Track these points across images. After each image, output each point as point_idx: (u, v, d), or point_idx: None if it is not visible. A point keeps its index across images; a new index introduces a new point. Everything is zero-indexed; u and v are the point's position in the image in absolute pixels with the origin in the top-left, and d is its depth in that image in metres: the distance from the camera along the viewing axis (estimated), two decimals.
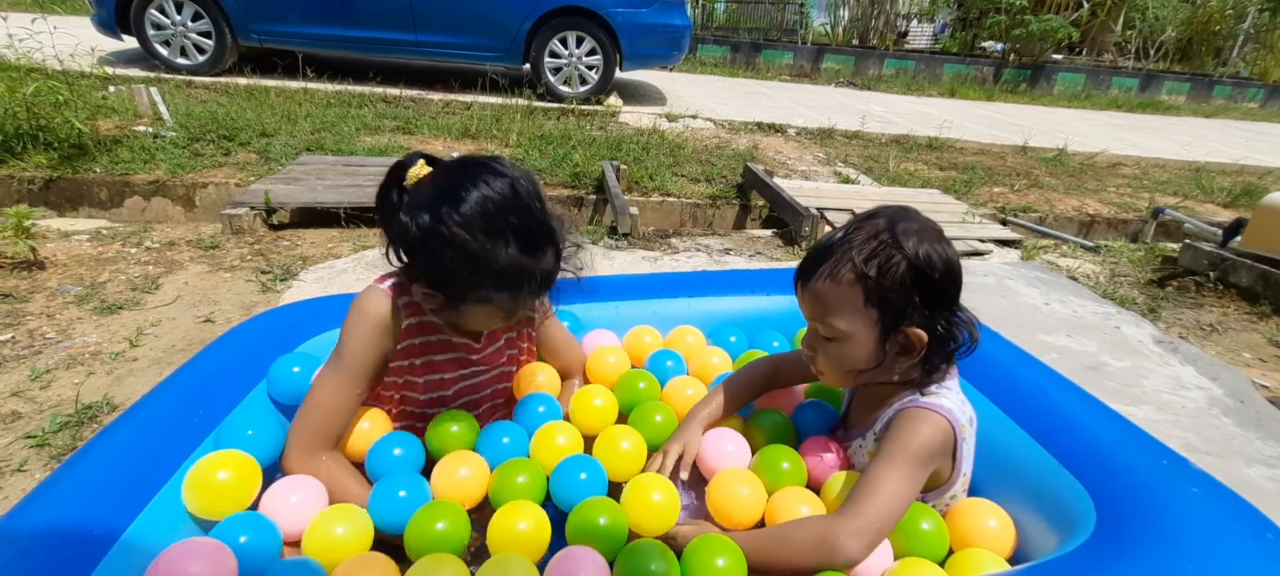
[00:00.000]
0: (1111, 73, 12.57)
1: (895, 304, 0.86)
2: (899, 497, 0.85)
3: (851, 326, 0.89)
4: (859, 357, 0.91)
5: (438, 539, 0.86)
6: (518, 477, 0.97)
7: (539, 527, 0.88)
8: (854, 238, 0.88)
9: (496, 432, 1.07)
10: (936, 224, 0.89)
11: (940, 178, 5.01)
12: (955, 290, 0.89)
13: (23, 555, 0.73)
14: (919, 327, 0.87)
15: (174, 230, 3.03)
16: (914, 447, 0.87)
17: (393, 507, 0.92)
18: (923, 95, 10.28)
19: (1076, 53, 14.03)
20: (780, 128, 6.22)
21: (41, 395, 1.80)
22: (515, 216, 0.88)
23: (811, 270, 0.92)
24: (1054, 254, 3.67)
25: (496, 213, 0.86)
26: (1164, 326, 2.78)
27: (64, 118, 3.32)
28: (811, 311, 0.93)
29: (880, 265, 0.85)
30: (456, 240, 0.85)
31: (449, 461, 0.99)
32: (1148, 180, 5.57)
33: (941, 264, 0.86)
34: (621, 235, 3.30)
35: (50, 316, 2.18)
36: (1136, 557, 0.75)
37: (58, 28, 4.03)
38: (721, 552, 0.81)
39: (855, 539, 0.81)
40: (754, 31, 12.72)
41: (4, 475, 1.52)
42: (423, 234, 0.86)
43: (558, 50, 5.94)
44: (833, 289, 0.88)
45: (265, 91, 5.00)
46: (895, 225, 0.87)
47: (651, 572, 0.79)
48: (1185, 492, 0.84)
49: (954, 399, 0.93)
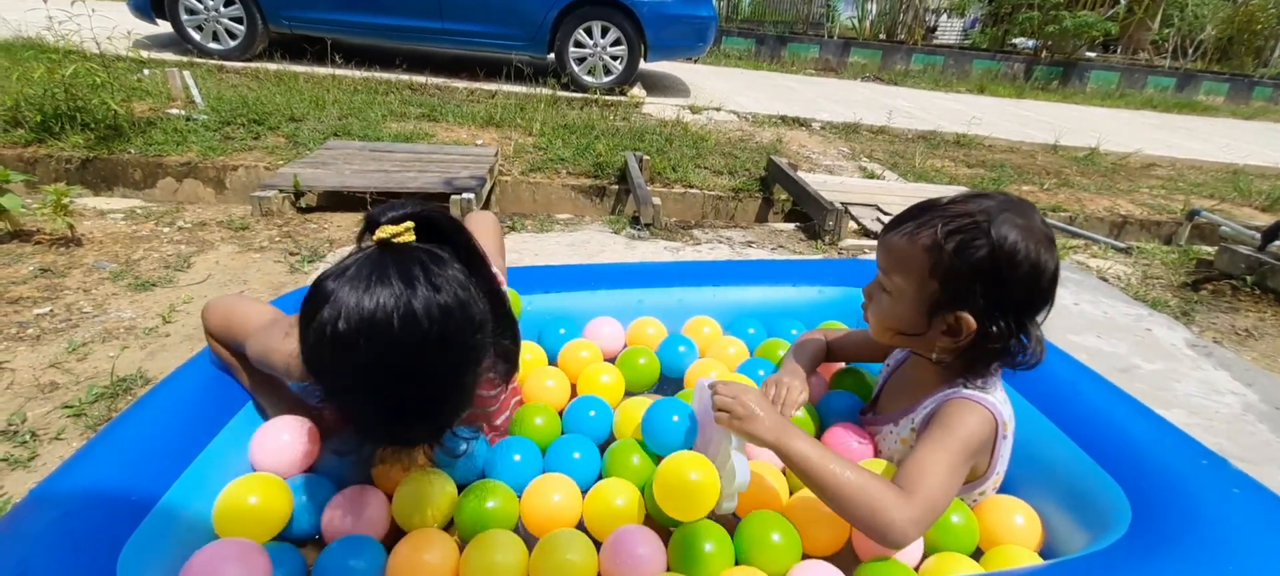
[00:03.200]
0: (1147, 72, 12.24)
1: (957, 283, 0.83)
2: (950, 487, 0.83)
3: (907, 287, 0.88)
4: (902, 318, 0.90)
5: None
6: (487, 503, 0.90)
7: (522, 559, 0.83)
8: (953, 207, 0.86)
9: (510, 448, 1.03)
10: (1049, 229, 0.85)
11: (967, 175, 4.92)
12: (1033, 299, 0.84)
13: (65, 518, 0.75)
14: (972, 315, 0.84)
15: (205, 211, 3.09)
16: (964, 436, 0.86)
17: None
18: (951, 91, 10.11)
19: (1111, 51, 13.68)
20: (805, 122, 6.15)
21: (78, 367, 1.85)
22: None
23: (900, 222, 0.91)
24: (1084, 254, 3.59)
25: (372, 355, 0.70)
26: (1197, 330, 2.71)
27: (101, 99, 3.39)
28: (882, 261, 0.93)
29: (961, 241, 0.82)
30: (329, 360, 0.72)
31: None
32: (1183, 182, 5.43)
33: (1027, 266, 0.81)
34: (644, 225, 3.30)
35: (87, 291, 2.24)
36: (1175, 555, 0.73)
37: (95, 11, 4.12)
38: (775, 528, 0.82)
39: (914, 527, 0.79)
40: (779, 24, 12.58)
41: (42, 443, 1.57)
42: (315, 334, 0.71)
43: (583, 40, 5.93)
44: (906, 246, 0.88)
45: (294, 77, 5.06)
46: (1001, 211, 0.83)
47: (703, 552, 0.80)
48: (1226, 493, 0.82)
49: (998, 396, 0.91)
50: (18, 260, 2.38)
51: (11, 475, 1.48)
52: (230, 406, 1.00)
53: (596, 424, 1.06)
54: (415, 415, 0.76)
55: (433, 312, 0.70)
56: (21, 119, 3.38)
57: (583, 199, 3.80)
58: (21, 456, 1.52)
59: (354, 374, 0.71)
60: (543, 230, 3.25)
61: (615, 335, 1.37)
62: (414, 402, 0.75)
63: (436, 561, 0.80)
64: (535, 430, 1.06)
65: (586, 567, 0.80)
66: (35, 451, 1.54)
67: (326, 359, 0.71)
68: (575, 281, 1.46)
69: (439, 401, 0.77)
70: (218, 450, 0.93)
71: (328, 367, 0.73)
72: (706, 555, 0.80)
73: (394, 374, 0.72)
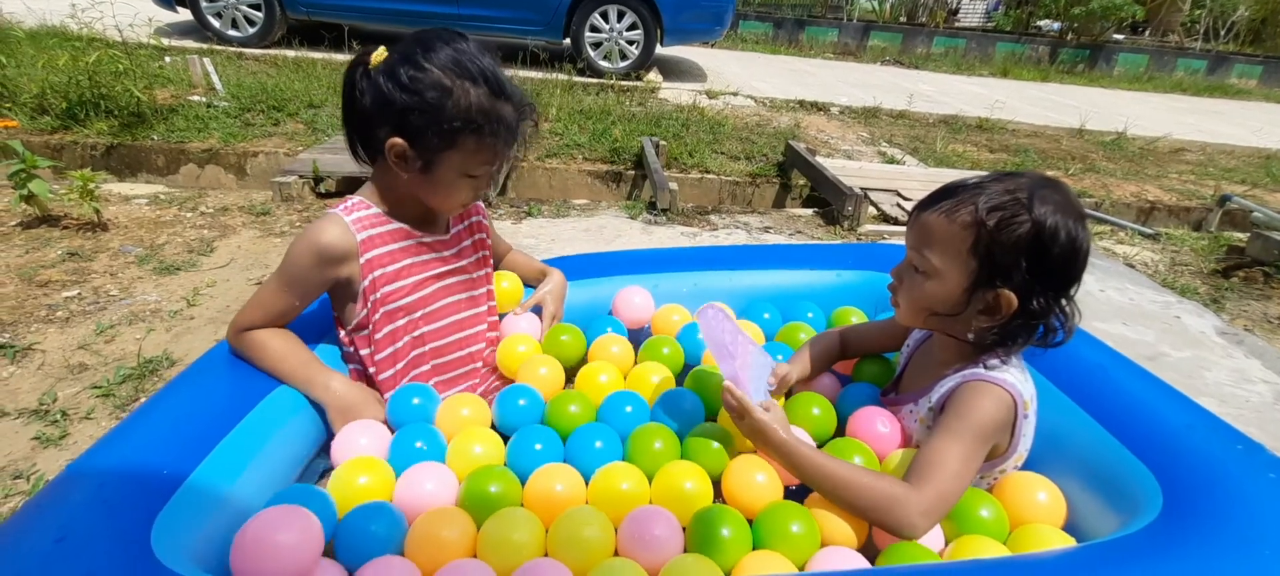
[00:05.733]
0: (1177, 54, 11.94)
1: (1000, 260, 0.83)
2: (965, 475, 0.84)
3: (945, 265, 0.87)
4: (940, 298, 0.88)
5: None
6: (491, 486, 0.90)
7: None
8: (990, 186, 0.86)
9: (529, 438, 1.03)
10: (1080, 204, 0.86)
11: (990, 160, 4.84)
12: (1071, 274, 0.85)
13: (101, 489, 0.76)
14: (1014, 292, 0.84)
15: (226, 196, 3.13)
16: (978, 422, 0.85)
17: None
18: (973, 75, 9.93)
19: (1139, 32, 13.35)
20: (823, 106, 6.08)
21: (106, 349, 1.89)
22: (479, 63, 0.95)
23: (932, 202, 0.90)
24: (1110, 240, 3.52)
25: (464, 59, 0.94)
26: (1228, 318, 2.65)
27: (124, 87, 3.44)
28: (914, 240, 0.92)
29: (1002, 218, 0.82)
30: (430, 80, 0.92)
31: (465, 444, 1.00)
32: (1213, 167, 5.30)
33: (1067, 241, 0.82)
34: (660, 211, 3.29)
35: (113, 275, 2.28)
36: (1210, 539, 0.71)
37: (117, 0, 4.17)
38: (796, 518, 0.81)
39: (925, 519, 0.81)
40: (798, 7, 12.43)
41: (73, 422, 1.61)
42: (396, 86, 0.92)
43: (598, 25, 5.90)
44: (944, 224, 0.86)
45: (312, 64, 5.10)
46: (1037, 189, 0.83)
47: (721, 536, 0.79)
48: (1261, 478, 0.80)
49: (1016, 375, 0.90)
50: (47, 244, 2.42)
51: (45, 452, 1.52)
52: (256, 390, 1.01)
53: (633, 420, 1.04)
54: (512, 104, 0.98)
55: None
56: (48, 106, 3.44)
57: (599, 184, 3.79)
58: (53, 435, 1.56)
59: (479, 76, 0.95)
60: (559, 215, 3.25)
61: (646, 305, 1.36)
62: (509, 90, 0.98)
63: (454, 537, 0.80)
64: (569, 418, 1.05)
65: (603, 544, 0.80)
66: (66, 430, 1.58)
67: (452, 79, 0.93)
68: (589, 269, 1.45)
69: (513, 87, 1.00)
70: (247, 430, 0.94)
71: (455, 88, 0.93)
72: (724, 540, 0.80)
73: (496, 71, 0.97)
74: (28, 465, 1.47)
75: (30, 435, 1.55)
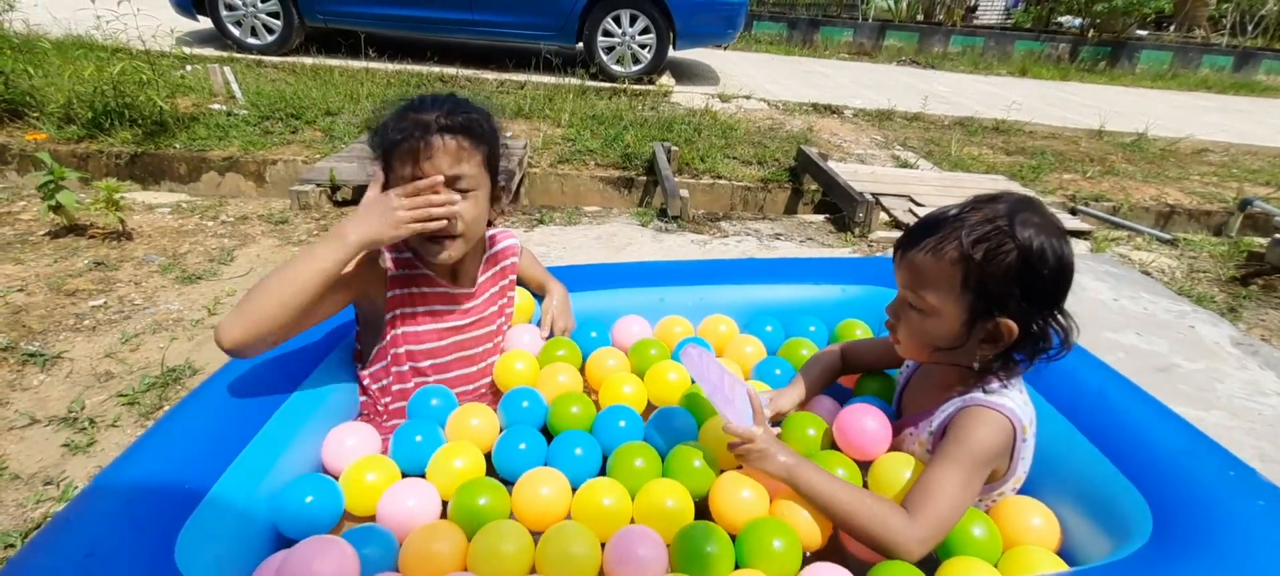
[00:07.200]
0: (1202, 50, 11.69)
1: (994, 291, 0.84)
2: (963, 502, 0.85)
3: (942, 304, 0.88)
4: (941, 335, 0.90)
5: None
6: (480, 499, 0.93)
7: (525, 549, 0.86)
8: (968, 217, 0.87)
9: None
10: (1058, 220, 0.87)
11: (1006, 163, 4.80)
12: (1062, 290, 0.86)
13: (127, 505, 0.81)
14: (1013, 320, 0.85)
15: (246, 204, 3.20)
16: (977, 448, 0.87)
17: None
18: (991, 74, 9.82)
19: (1163, 28, 13.09)
20: (837, 109, 6.06)
21: (131, 357, 1.95)
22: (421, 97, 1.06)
23: (915, 240, 0.90)
24: (1127, 246, 3.48)
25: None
26: (1244, 327, 2.62)
27: (147, 96, 3.53)
28: (906, 281, 0.93)
29: (988, 249, 0.83)
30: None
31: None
32: (1237, 168, 5.20)
33: (1054, 260, 0.83)
34: (671, 218, 3.31)
35: (137, 284, 2.35)
36: (1196, 567, 0.72)
37: (140, 10, 4.27)
38: (778, 534, 0.83)
39: (921, 547, 0.83)
40: (812, 7, 12.36)
41: (100, 429, 1.67)
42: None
43: (611, 29, 5.92)
44: (932, 263, 0.87)
45: (329, 71, 5.18)
46: (1015, 213, 0.84)
47: (706, 554, 0.82)
48: (1250, 505, 0.81)
49: (1016, 398, 0.91)
50: (74, 254, 2.50)
51: (73, 459, 1.58)
52: (274, 401, 1.05)
53: (627, 433, 1.08)
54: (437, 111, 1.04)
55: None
56: (74, 115, 3.54)
57: (611, 190, 3.82)
58: (81, 442, 1.62)
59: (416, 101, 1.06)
60: (570, 222, 3.28)
61: (644, 333, 1.38)
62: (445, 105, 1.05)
63: (445, 551, 0.84)
64: (571, 418, 1.10)
65: (590, 562, 0.83)
66: (93, 437, 1.64)
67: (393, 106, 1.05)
68: (596, 281, 1.47)
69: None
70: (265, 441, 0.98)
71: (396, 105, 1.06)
72: (709, 557, 0.82)
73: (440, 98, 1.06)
74: (58, 471, 1.54)
75: (60, 442, 1.62)
